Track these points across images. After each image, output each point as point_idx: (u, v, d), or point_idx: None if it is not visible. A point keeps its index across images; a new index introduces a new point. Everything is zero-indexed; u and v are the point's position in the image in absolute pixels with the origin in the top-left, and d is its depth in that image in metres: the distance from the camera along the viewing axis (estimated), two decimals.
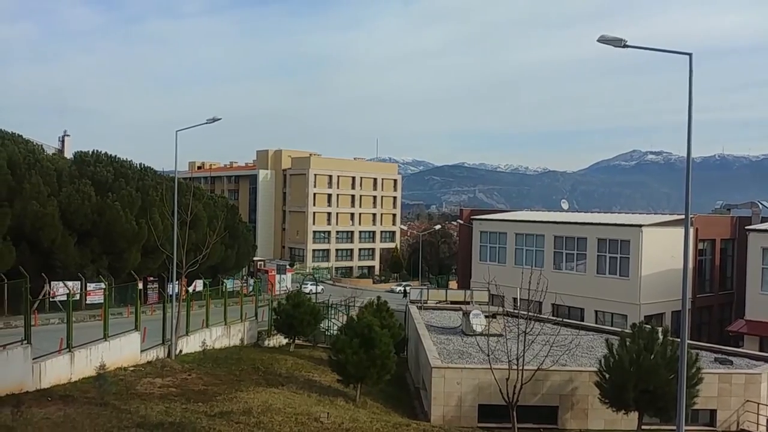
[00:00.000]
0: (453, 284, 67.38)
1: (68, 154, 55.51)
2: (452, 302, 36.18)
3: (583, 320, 35.44)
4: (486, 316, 26.96)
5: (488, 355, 18.59)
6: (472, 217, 49.69)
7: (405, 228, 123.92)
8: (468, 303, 32.97)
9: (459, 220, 56.21)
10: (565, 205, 55.26)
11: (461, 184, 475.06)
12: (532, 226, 43.37)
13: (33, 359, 16.83)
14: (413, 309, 33.34)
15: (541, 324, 20.92)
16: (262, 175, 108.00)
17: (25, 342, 16.64)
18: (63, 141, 67.15)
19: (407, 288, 57.58)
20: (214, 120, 26.58)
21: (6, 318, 27.56)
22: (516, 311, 22.68)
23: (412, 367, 29.52)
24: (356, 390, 21.50)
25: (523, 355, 17.91)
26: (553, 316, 27.91)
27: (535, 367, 18.58)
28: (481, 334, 24.44)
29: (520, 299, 21.64)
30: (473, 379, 21.26)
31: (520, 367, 17.91)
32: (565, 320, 29.54)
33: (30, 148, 37.86)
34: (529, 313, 19.09)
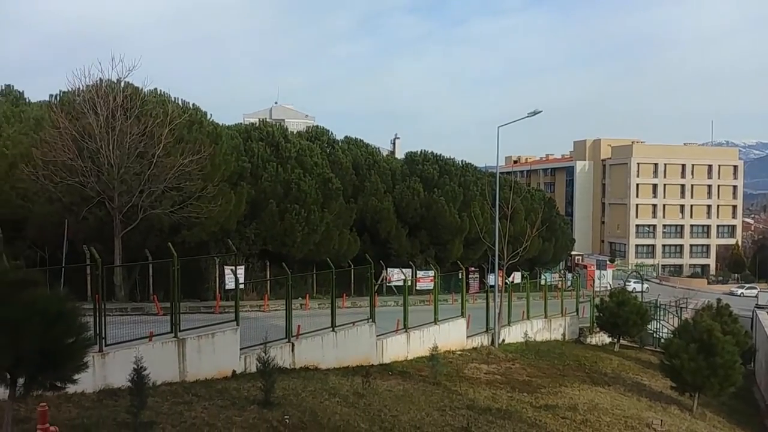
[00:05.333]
0: None
1: (399, 154, 61.26)
2: None
3: None
4: None
5: None
6: None
7: (749, 221, 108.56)
8: None
9: None
10: None
11: None
12: None
13: (377, 336, 18.88)
14: (762, 315, 29.20)
15: None
16: (580, 166, 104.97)
17: (371, 321, 18.74)
18: (394, 143, 75.03)
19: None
20: (535, 113, 26.41)
21: (352, 298, 31.54)
22: None
23: (762, 381, 25.68)
24: (693, 399, 19.48)
25: None
26: None
27: None
28: None
29: None
30: None
31: None
32: None
33: (369, 151, 42.74)
34: None
